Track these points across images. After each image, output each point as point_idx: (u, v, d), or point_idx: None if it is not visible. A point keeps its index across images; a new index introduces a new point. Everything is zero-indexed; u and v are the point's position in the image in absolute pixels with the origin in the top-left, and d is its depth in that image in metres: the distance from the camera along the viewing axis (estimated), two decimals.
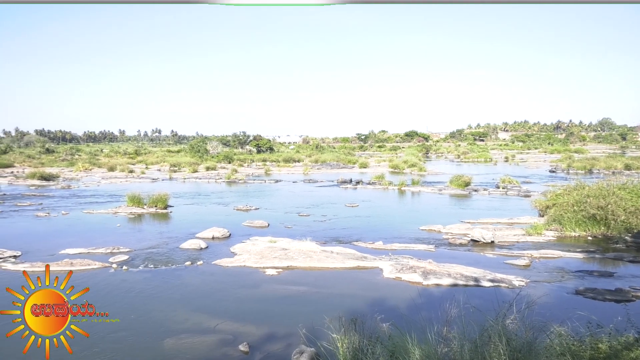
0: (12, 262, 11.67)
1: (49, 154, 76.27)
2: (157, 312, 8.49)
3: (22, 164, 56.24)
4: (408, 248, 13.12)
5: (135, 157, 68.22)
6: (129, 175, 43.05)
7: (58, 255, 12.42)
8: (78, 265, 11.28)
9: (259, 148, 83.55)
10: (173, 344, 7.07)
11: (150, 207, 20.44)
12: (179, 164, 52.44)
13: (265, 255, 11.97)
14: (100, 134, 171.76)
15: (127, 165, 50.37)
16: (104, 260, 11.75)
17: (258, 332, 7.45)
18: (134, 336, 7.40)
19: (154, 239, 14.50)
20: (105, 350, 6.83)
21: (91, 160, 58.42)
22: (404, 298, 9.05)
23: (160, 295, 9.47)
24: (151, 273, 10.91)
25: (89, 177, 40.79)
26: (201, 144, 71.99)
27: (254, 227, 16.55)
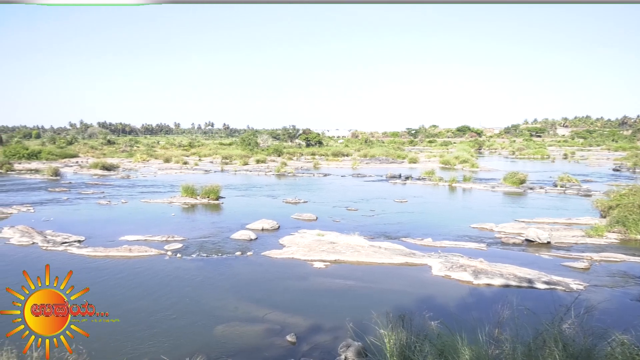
0: (76, 247, 12.42)
1: (110, 145, 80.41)
2: (208, 300, 8.78)
3: (86, 154, 59.74)
4: (458, 246, 12.82)
5: (189, 150, 70.60)
6: (183, 166, 44.64)
7: (118, 241, 13.09)
8: (136, 251, 11.85)
9: (308, 142, 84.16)
10: (223, 330, 7.30)
11: (202, 198, 21.11)
12: (230, 156, 53.78)
13: (313, 248, 12.08)
14: (157, 127, 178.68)
15: (182, 157, 52.21)
16: (160, 248, 12.28)
17: (305, 324, 7.55)
18: (187, 321, 7.70)
19: (206, 229, 14.97)
20: (160, 333, 7.15)
21: (148, 152, 61.11)
22: (453, 297, 8.88)
23: (212, 283, 9.79)
24: (203, 261, 11.29)
25: (146, 168, 42.65)
26: (252, 137, 73.38)
27: (302, 220, 16.73)
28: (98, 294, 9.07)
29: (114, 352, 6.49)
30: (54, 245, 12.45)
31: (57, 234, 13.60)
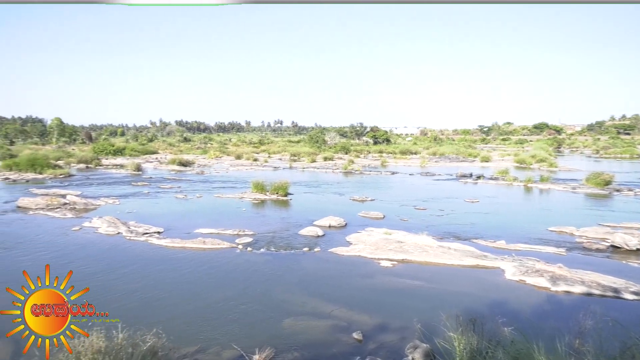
0: (156, 238, 13.23)
1: (186, 142, 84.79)
2: (276, 293, 9.00)
3: (164, 151, 63.48)
4: (534, 250, 12.15)
5: (259, 147, 72.74)
6: (253, 163, 46.05)
7: (193, 233, 13.77)
8: (210, 244, 12.41)
9: (376, 139, 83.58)
10: (291, 324, 7.46)
11: (272, 194, 21.66)
12: (298, 153, 54.71)
13: (380, 247, 12.00)
14: (229, 125, 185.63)
15: (252, 154, 53.88)
16: (231, 241, 12.77)
17: (371, 322, 7.52)
18: (257, 312, 7.95)
19: (275, 224, 15.35)
20: (231, 322, 7.44)
21: (221, 149, 63.75)
22: (528, 303, 8.45)
23: (280, 277, 10.03)
24: (272, 256, 11.59)
25: (219, 164, 44.50)
26: (319, 134, 74.07)
27: (369, 218, 16.66)
28: (175, 282, 9.63)
29: (189, 338, 6.84)
30: (136, 236, 13.36)
31: (139, 225, 14.57)
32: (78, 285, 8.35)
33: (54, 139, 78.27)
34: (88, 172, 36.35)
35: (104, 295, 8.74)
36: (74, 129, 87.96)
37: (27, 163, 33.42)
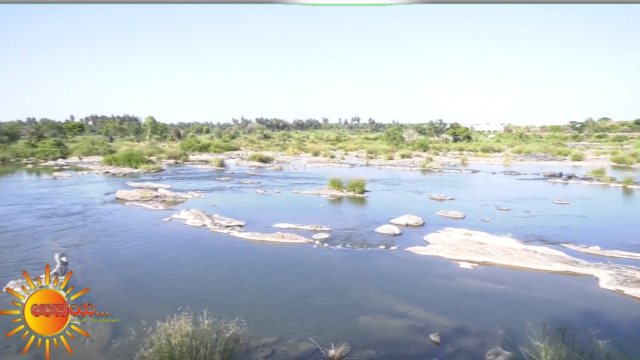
0: (238, 231, 13.82)
1: (266, 139, 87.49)
2: (352, 290, 9.04)
3: (245, 147, 66.06)
4: (634, 257, 11.09)
5: (336, 144, 73.27)
6: (330, 160, 46.49)
7: (272, 228, 14.20)
8: (288, 238, 12.74)
9: (456, 136, 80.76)
10: (367, 321, 7.45)
11: (348, 191, 21.74)
12: (375, 151, 54.36)
13: (459, 248, 11.61)
14: (307, 122, 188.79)
15: (329, 151, 54.44)
16: (308, 237, 13.00)
17: (450, 325, 7.30)
18: (333, 308, 8.04)
19: (351, 221, 15.40)
20: (308, 316, 7.59)
21: (299, 146, 65.11)
22: (626, 315, 7.75)
23: (356, 274, 10.06)
24: (348, 252, 11.65)
25: (297, 161, 45.46)
26: (397, 131, 73.05)
27: (448, 217, 16.17)
28: (255, 274, 10.01)
29: (268, 328, 7.07)
30: (219, 228, 14.05)
31: (223, 218, 15.31)
32: (171, 274, 8.99)
33: (147, 136, 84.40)
34: (177, 167, 38.81)
35: (191, 283, 9.32)
36: (164, 127, 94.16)
37: (124, 158, 36.42)
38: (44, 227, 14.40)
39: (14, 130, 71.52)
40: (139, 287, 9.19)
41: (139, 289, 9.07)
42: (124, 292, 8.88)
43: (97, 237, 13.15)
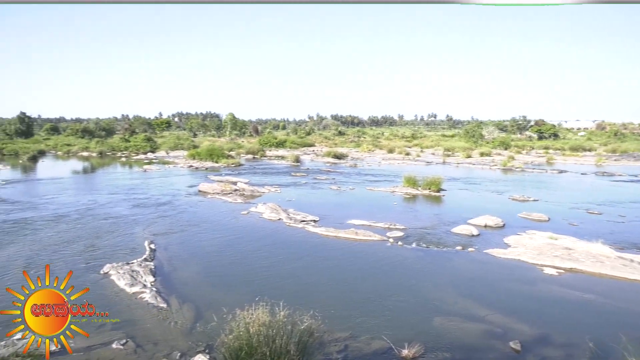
0: (312, 226, 14.05)
1: (341, 136, 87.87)
2: (427, 290, 8.85)
3: (320, 144, 66.80)
4: None
5: (412, 141, 71.91)
6: (405, 157, 45.78)
7: (346, 224, 14.27)
8: (361, 235, 12.74)
9: (541, 134, 76.06)
10: (441, 323, 7.27)
11: (424, 189, 21.27)
12: (452, 148, 52.73)
13: (543, 252, 10.94)
14: (382, 119, 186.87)
15: (404, 148, 53.61)
16: (382, 234, 12.91)
17: (532, 333, 6.92)
18: (406, 307, 7.93)
19: (427, 220, 15.06)
20: (381, 313, 7.55)
21: (373, 143, 64.71)
22: None
23: (431, 274, 9.84)
24: (423, 252, 11.41)
25: (371, 158, 45.25)
26: (476, 128, 70.13)
27: (531, 219, 15.29)
28: (329, 269, 10.12)
29: (341, 323, 7.13)
30: (294, 222, 14.37)
31: (298, 213, 15.64)
32: (249, 265, 9.30)
33: (227, 132, 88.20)
34: (254, 162, 40.20)
35: (267, 275, 9.64)
36: (243, 123, 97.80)
37: (206, 153, 38.38)
38: (136, 215, 15.58)
39: (111, 126, 77.83)
40: (219, 276, 9.66)
41: (219, 277, 9.53)
42: (205, 280, 9.38)
43: (182, 227, 13.99)
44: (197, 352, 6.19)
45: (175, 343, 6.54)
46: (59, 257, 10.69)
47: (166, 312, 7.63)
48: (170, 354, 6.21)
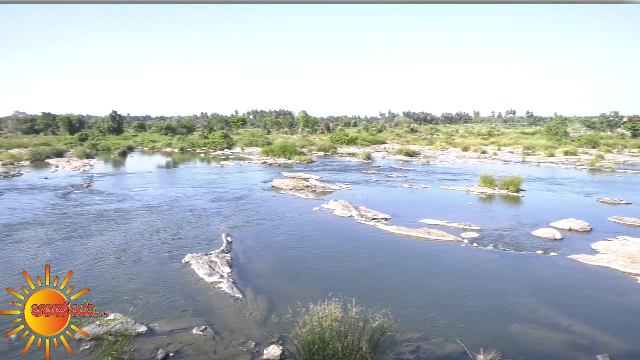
0: (383, 224, 13.94)
1: (413, 133, 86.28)
2: (504, 294, 8.47)
3: (392, 141, 66.03)
4: None
5: (488, 138, 68.97)
6: (481, 155, 43.97)
7: (418, 223, 14.00)
8: (434, 235, 12.44)
9: (635, 131, 69.71)
10: (520, 330, 6.93)
11: (501, 189, 20.32)
12: (533, 146, 49.86)
13: (637, 260, 10.05)
14: (456, 115, 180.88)
15: (480, 146, 51.51)
16: (456, 235, 12.52)
17: (623, 347, 6.41)
18: (481, 311, 7.64)
19: (504, 221, 14.38)
20: (455, 316, 7.34)
21: (447, 140, 62.84)
22: None
23: (509, 278, 9.39)
24: (500, 255, 10.92)
25: (444, 156, 43.96)
26: (560, 125, 65.57)
27: (623, 224, 14.09)
28: (401, 268, 10.00)
29: (414, 324, 7.03)
30: (366, 220, 14.34)
31: (369, 210, 15.59)
32: (320, 260, 9.42)
33: (299, 129, 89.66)
34: (326, 159, 40.56)
35: (338, 271, 9.72)
36: (315, 121, 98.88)
37: (279, 150, 39.37)
38: (214, 208, 16.35)
39: (191, 123, 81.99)
40: (291, 269, 9.88)
41: (292, 271, 9.75)
42: (278, 273, 9.64)
43: (256, 221, 14.47)
44: (271, 342, 6.39)
45: (250, 332, 6.80)
46: (145, 245, 11.50)
47: (242, 302, 7.94)
48: (246, 342, 6.46)
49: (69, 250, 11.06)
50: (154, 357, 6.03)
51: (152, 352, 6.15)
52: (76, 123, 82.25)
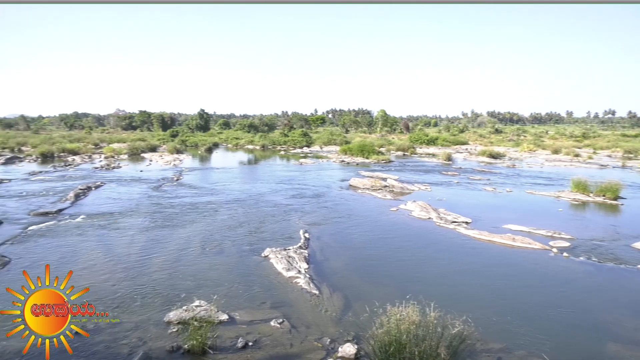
0: (464, 227, 13.45)
1: (498, 134, 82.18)
2: (598, 310, 7.83)
3: (474, 142, 63.46)
4: None
5: (582, 141, 63.83)
6: (573, 159, 40.82)
7: (501, 228, 13.34)
8: (519, 242, 11.78)
9: None
10: (617, 351, 6.39)
11: (596, 196, 18.77)
12: (635, 150, 45.41)
13: None
14: (546, 116, 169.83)
15: (572, 149, 47.82)
16: (544, 243, 11.77)
17: None
18: (570, 326, 7.12)
19: (599, 231, 13.27)
20: (539, 329, 6.91)
21: (535, 142, 59.00)
22: None
23: (604, 292, 8.68)
24: (594, 267, 10.09)
25: (532, 158, 41.43)
26: None
27: None
28: (483, 275, 9.60)
29: (494, 333, 6.72)
30: (445, 223, 13.93)
31: (449, 213, 15.12)
32: (397, 261, 9.33)
33: (378, 129, 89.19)
34: (404, 159, 39.93)
35: (415, 273, 9.55)
36: (394, 120, 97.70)
37: (358, 149, 39.38)
38: (293, 205, 16.76)
39: (272, 121, 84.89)
40: (367, 269, 9.86)
41: (368, 271, 9.73)
42: (355, 271, 9.66)
43: (333, 219, 14.62)
44: (346, 340, 6.44)
45: (326, 329, 6.89)
46: (228, 237, 12.07)
47: (318, 299, 8.07)
48: (321, 338, 6.56)
49: (160, 238, 11.92)
50: (234, 345, 6.31)
51: (233, 340, 6.45)
52: (168, 120, 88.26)
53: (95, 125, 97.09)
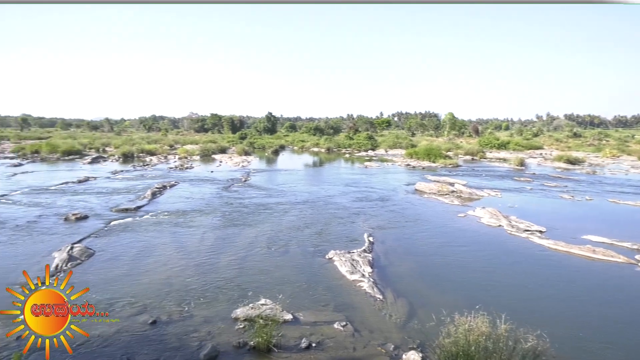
0: (537, 236, 12.74)
1: (576, 138, 77.11)
2: None
3: (550, 146, 59.96)
4: None
5: None
6: None
7: (579, 239, 12.50)
8: (600, 254, 10.97)
9: None
10: None
11: None
12: None
13: None
14: (632, 119, 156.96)
15: None
16: (629, 256, 10.87)
17: None
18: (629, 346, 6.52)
19: None
20: (624, 348, 6.38)
21: (620, 147, 54.64)
22: None
23: None
24: None
25: (615, 164, 38.41)
26: None
27: None
28: (558, 288, 9.04)
29: (573, 351, 6.31)
30: (517, 231, 13.28)
31: (521, 221, 14.39)
32: (464, 269, 9.04)
33: (445, 132, 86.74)
34: (473, 163, 38.53)
35: (484, 283, 9.18)
36: (463, 123, 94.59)
37: (424, 152, 38.60)
38: (357, 208, 16.74)
39: (337, 124, 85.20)
40: (433, 275, 9.62)
41: (434, 277, 9.49)
42: (420, 277, 9.46)
43: (398, 223, 14.42)
44: (410, 347, 6.31)
45: (389, 335, 6.80)
46: (294, 238, 12.28)
47: (381, 303, 7.98)
48: (385, 344, 6.48)
49: (229, 236, 12.37)
50: (297, 345, 6.40)
51: (296, 340, 6.54)
52: (238, 123, 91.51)
53: (170, 128, 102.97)
